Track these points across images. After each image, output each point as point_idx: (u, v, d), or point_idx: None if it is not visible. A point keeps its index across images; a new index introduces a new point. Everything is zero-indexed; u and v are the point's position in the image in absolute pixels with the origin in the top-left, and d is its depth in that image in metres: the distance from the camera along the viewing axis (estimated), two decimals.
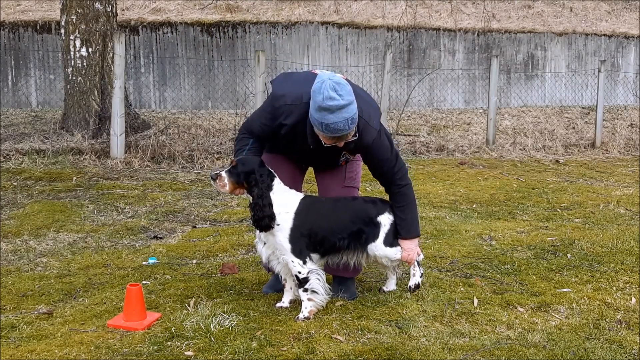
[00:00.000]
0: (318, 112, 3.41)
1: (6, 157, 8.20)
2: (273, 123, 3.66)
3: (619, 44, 14.51)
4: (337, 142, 3.56)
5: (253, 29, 12.26)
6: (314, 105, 3.42)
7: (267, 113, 3.70)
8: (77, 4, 9.14)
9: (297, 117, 3.60)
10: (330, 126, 3.41)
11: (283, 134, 3.67)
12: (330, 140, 3.53)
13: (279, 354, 3.19)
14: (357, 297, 4.00)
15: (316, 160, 3.93)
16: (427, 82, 12.98)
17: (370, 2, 13.89)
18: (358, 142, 3.66)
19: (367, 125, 3.64)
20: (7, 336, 3.44)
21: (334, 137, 3.50)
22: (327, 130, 3.44)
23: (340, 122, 3.40)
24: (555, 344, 3.33)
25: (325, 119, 3.40)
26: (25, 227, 5.59)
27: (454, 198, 6.92)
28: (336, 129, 3.42)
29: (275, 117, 3.64)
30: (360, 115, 3.58)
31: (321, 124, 3.42)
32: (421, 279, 3.90)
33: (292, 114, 3.60)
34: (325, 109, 3.38)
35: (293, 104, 3.59)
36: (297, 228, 3.63)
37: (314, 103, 3.42)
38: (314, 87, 3.43)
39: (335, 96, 3.36)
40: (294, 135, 3.67)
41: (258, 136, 3.79)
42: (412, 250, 3.83)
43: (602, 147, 10.94)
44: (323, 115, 3.39)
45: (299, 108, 3.58)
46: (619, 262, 4.71)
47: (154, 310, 3.74)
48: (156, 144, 8.74)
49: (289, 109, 3.60)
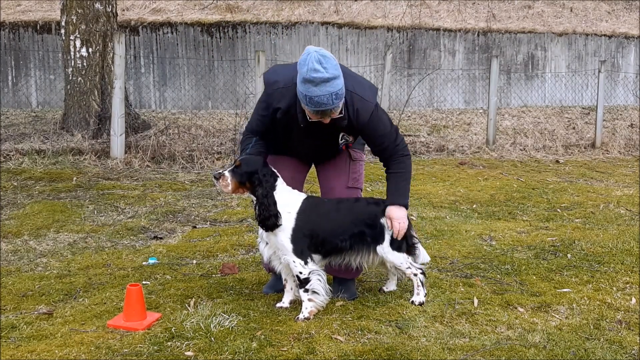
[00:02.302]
0: (302, 85, 3.37)
1: (6, 157, 8.20)
2: (269, 111, 3.66)
3: (619, 44, 14.51)
4: (323, 119, 3.52)
5: (253, 29, 12.26)
6: (299, 78, 3.38)
7: (262, 103, 3.72)
8: (77, 4, 9.14)
9: (290, 100, 3.58)
10: (313, 99, 3.36)
11: (279, 118, 3.64)
12: (314, 115, 3.49)
13: (279, 354, 3.19)
14: (357, 297, 4.00)
15: (316, 148, 3.86)
16: (427, 82, 12.98)
17: (370, 2, 13.89)
18: (356, 120, 3.62)
19: (362, 100, 3.61)
20: (7, 336, 3.44)
21: (317, 112, 3.45)
22: (311, 103, 3.39)
23: (324, 96, 3.36)
24: (555, 344, 3.33)
25: (309, 92, 3.36)
26: (25, 227, 5.59)
27: (454, 198, 6.92)
28: (319, 103, 3.37)
29: (270, 103, 3.64)
30: (354, 91, 3.58)
31: (305, 96, 3.38)
32: (425, 299, 3.88)
33: (284, 97, 3.59)
34: (309, 80, 3.34)
35: (285, 87, 3.58)
36: (299, 228, 3.63)
37: (299, 75, 3.38)
38: (300, 60, 3.40)
39: (319, 68, 3.33)
40: (289, 119, 3.65)
41: (259, 132, 3.79)
42: (403, 219, 3.76)
43: (602, 147, 10.94)
44: (307, 87, 3.35)
45: (290, 90, 3.56)
46: (619, 262, 4.71)
47: (154, 311, 3.74)
48: (156, 144, 8.74)
49: (282, 93, 3.59)
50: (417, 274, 3.85)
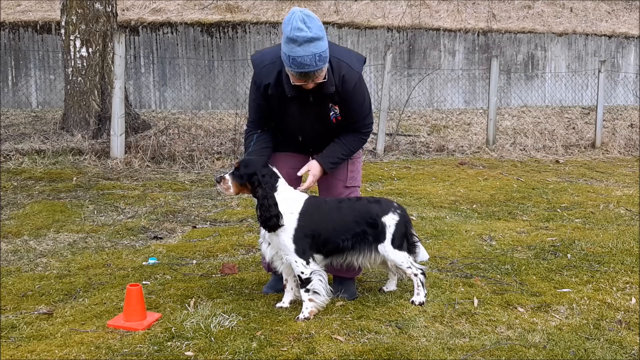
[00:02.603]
0: (286, 45, 3.33)
1: (6, 158, 8.20)
2: (260, 91, 3.65)
3: (619, 44, 14.51)
4: (306, 83, 3.48)
5: (253, 29, 12.26)
6: (283, 39, 3.34)
7: (252, 86, 3.72)
8: (77, 4, 9.14)
9: (275, 75, 3.57)
10: (297, 60, 3.31)
11: (271, 95, 3.63)
12: (298, 79, 3.45)
13: (279, 354, 3.19)
14: (357, 297, 4.00)
15: (310, 126, 3.79)
16: (427, 82, 12.98)
17: (370, 2, 13.89)
18: (341, 86, 3.59)
19: (349, 68, 3.61)
20: (7, 336, 3.44)
21: (301, 75, 3.39)
22: (294, 64, 3.33)
23: (308, 57, 3.30)
24: (555, 344, 3.33)
25: (292, 52, 3.30)
26: (25, 227, 5.59)
27: (454, 198, 6.92)
28: (303, 64, 3.32)
29: (260, 83, 3.64)
30: (341, 59, 3.58)
31: (288, 57, 3.33)
32: (425, 299, 3.88)
33: (272, 73, 3.59)
34: (292, 40, 3.30)
35: (272, 63, 3.59)
36: (301, 228, 3.63)
37: (283, 36, 3.34)
38: (284, 20, 3.37)
39: (303, 27, 3.29)
40: (279, 94, 3.63)
41: (257, 120, 3.79)
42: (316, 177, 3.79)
43: (602, 147, 10.94)
44: (290, 48, 3.31)
45: (277, 65, 3.56)
46: (619, 262, 4.71)
47: (154, 311, 3.74)
48: (156, 144, 8.74)
49: (269, 69, 3.60)
50: (418, 274, 3.85)
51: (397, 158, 9.64)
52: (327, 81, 3.54)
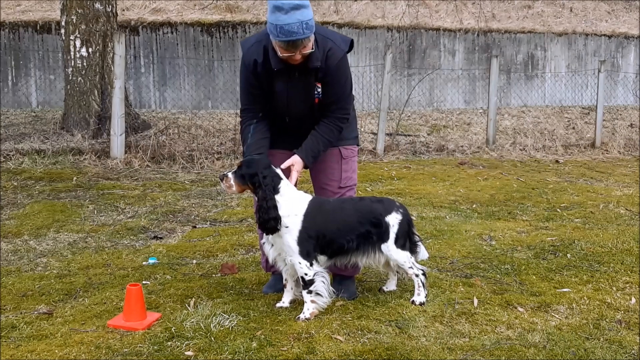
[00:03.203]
0: (272, 15, 3.34)
1: (6, 157, 8.20)
2: (249, 70, 3.64)
3: (619, 44, 14.51)
4: (294, 55, 3.47)
5: (253, 29, 12.26)
6: (270, 8, 3.35)
7: (242, 67, 3.71)
8: (77, 4, 9.14)
9: (262, 51, 3.59)
10: (284, 28, 3.31)
11: (260, 73, 3.62)
12: (285, 50, 3.44)
13: (279, 354, 3.19)
14: (357, 296, 4.00)
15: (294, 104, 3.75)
16: (427, 82, 12.98)
17: (370, 2, 13.89)
18: (325, 62, 3.60)
19: (335, 44, 3.64)
20: (7, 336, 3.44)
21: (288, 44, 3.39)
22: (281, 33, 3.34)
23: (294, 24, 3.31)
24: (555, 344, 3.33)
25: (279, 21, 3.31)
26: (25, 227, 5.59)
27: (454, 198, 6.92)
28: (290, 32, 3.32)
29: (248, 63, 3.63)
30: (326, 36, 3.63)
31: (275, 27, 3.33)
32: (425, 299, 3.88)
33: (258, 50, 3.60)
34: (278, 8, 3.31)
35: (257, 41, 3.62)
36: (305, 230, 3.63)
37: (270, 6, 3.34)
38: None
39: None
40: (268, 71, 3.63)
41: (250, 105, 3.77)
42: (299, 172, 3.80)
43: (602, 147, 10.94)
44: (277, 16, 3.32)
45: (262, 42, 3.59)
46: (619, 262, 4.71)
47: (154, 310, 3.74)
48: (156, 144, 8.74)
49: (256, 47, 3.61)
50: (419, 275, 3.85)
51: (397, 158, 9.64)
52: (313, 54, 3.55)
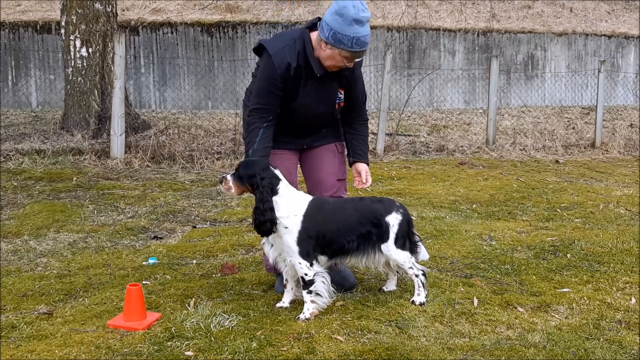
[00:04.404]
0: (350, 27, 3.51)
1: (6, 157, 8.20)
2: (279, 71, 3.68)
3: (619, 44, 14.51)
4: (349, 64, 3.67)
5: (253, 29, 12.26)
6: (345, 21, 3.51)
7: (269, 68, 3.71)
8: (77, 4, 9.14)
9: (296, 55, 3.70)
10: (361, 40, 3.53)
11: (293, 75, 3.71)
12: (350, 60, 3.64)
13: (279, 354, 3.19)
14: (356, 282, 4.07)
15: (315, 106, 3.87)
16: (427, 82, 12.98)
17: (370, 2, 13.89)
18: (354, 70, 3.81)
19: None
20: (7, 336, 3.44)
21: (356, 54, 3.61)
22: (358, 44, 3.54)
23: (368, 35, 3.56)
24: (555, 344, 3.33)
25: (357, 33, 3.51)
26: (25, 227, 5.59)
27: (454, 198, 6.92)
28: (365, 42, 3.55)
29: (281, 65, 3.68)
30: None
31: (353, 38, 3.52)
32: (425, 299, 3.89)
33: (290, 53, 3.69)
34: (358, 21, 3.50)
35: (288, 45, 3.71)
36: (305, 230, 3.63)
37: (345, 19, 3.51)
38: (337, 5, 3.54)
39: (365, 8, 3.53)
40: (298, 74, 3.73)
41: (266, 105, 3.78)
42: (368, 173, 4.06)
43: (602, 147, 10.94)
44: (355, 29, 3.51)
45: (293, 47, 3.70)
46: (618, 262, 4.71)
47: (154, 310, 3.74)
48: (156, 144, 8.74)
49: (289, 50, 3.70)
50: (419, 275, 3.86)
51: (397, 158, 9.64)
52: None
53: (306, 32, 3.77)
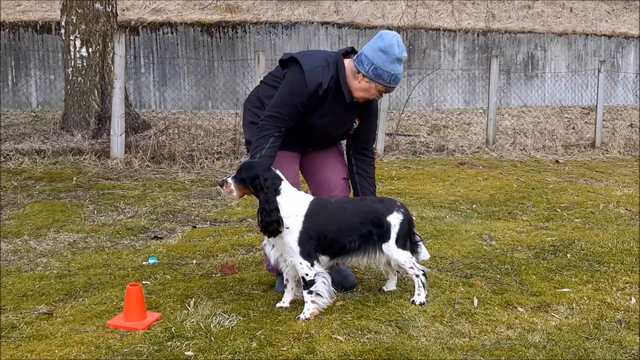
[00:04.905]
0: (392, 65, 3.74)
1: (6, 157, 8.20)
2: (308, 89, 3.77)
3: (619, 44, 14.51)
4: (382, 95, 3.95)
5: (253, 29, 12.26)
6: (389, 59, 3.73)
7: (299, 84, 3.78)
8: (77, 4, 9.14)
9: (329, 77, 3.82)
10: (397, 77, 3.79)
11: (321, 95, 3.81)
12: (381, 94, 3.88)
13: (279, 354, 3.19)
14: (356, 282, 4.06)
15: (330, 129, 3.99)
16: (427, 82, 12.98)
17: (370, 3, 13.89)
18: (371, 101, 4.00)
19: None
20: (7, 336, 3.44)
21: (389, 89, 3.85)
22: (394, 81, 3.80)
23: (401, 73, 3.81)
24: (555, 344, 3.33)
25: (395, 70, 3.76)
26: (25, 227, 5.59)
27: (454, 198, 6.92)
28: (399, 80, 3.83)
29: (312, 84, 3.77)
30: None
31: (392, 75, 3.76)
32: (425, 299, 3.89)
33: (324, 75, 3.81)
34: (400, 60, 3.76)
35: (323, 66, 3.82)
36: (306, 231, 3.63)
37: (389, 56, 3.73)
38: (385, 42, 3.74)
39: (404, 48, 3.79)
40: (324, 96, 3.83)
41: (285, 117, 3.80)
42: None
43: (602, 147, 10.94)
44: (396, 67, 3.75)
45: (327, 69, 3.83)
46: (619, 262, 4.71)
47: (154, 310, 3.74)
48: (156, 144, 8.74)
49: (322, 71, 3.81)
50: (419, 275, 3.86)
51: (397, 158, 9.64)
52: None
53: (341, 58, 3.88)
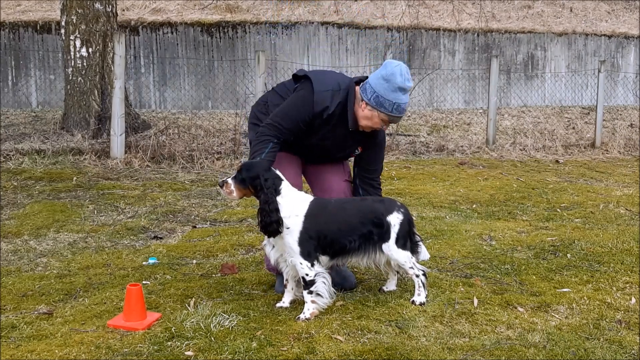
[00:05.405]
0: (394, 93, 3.69)
1: (6, 157, 8.20)
2: (313, 110, 3.77)
3: (619, 44, 14.51)
4: (387, 125, 3.89)
5: (253, 29, 12.26)
6: (390, 87, 3.68)
7: (306, 102, 3.79)
8: (77, 4, 9.14)
9: (337, 102, 3.81)
10: (401, 106, 3.73)
11: (325, 118, 3.81)
12: (386, 123, 3.82)
13: (279, 354, 3.19)
14: (356, 283, 4.07)
15: (330, 150, 4.00)
16: (427, 82, 12.99)
17: (370, 2, 13.89)
18: (379, 133, 3.97)
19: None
20: (7, 336, 3.44)
21: (393, 119, 3.79)
22: (397, 110, 3.74)
23: (406, 104, 3.77)
24: (555, 344, 3.33)
25: (398, 99, 3.71)
26: (25, 227, 5.59)
27: (454, 198, 6.92)
28: (404, 109, 3.77)
29: (319, 104, 3.78)
30: None
31: (394, 104, 3.71)
32: (425, 299, 3.89)
33: (332, 98, 3.81)
34: (402, 89, 3.71)
35: (333, 90, 3.82)
36: (306, 231, 3.63)
37: (390, 85, 3.67)
38: (388, 70, 3.71)
39: (410, 78, 3.76)
40: (328, 120, 3.83)
41: (285, 130, 3.80)
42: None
43: (602, 147, 10.94)
44: (398, 96, 3.71)
45: (338, 94, 3.81)
46: (618, 262, 4.71)
47: (154, 310, 3.74)
48: (156, 144, 8.74)
49: (331, 95, 3.81)
50: (419, 275, 3.86)
51: (397, 158, 9.64)
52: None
53: (353, 85, 3.87)
